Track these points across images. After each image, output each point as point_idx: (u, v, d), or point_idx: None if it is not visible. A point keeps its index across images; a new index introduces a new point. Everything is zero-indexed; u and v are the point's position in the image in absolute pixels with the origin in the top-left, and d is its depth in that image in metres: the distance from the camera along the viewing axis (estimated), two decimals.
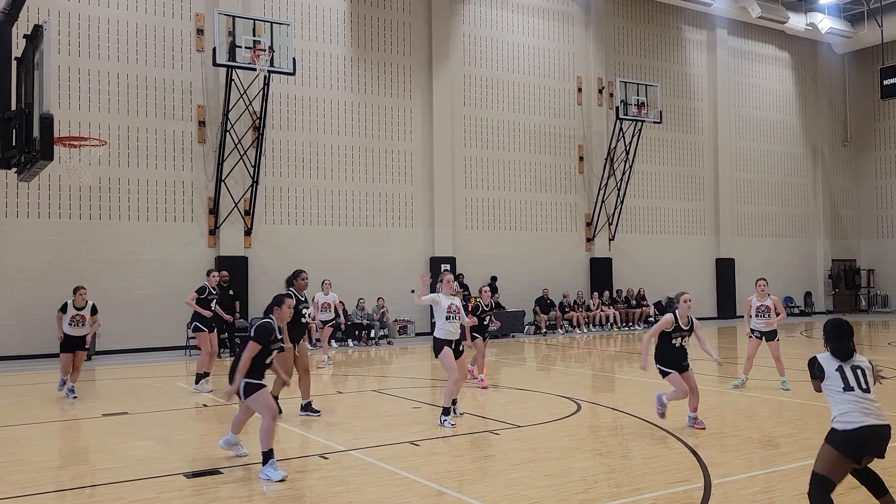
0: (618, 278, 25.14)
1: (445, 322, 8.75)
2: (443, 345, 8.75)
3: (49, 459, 7.37)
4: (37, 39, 7.63)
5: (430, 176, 22.00)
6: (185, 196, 18.66)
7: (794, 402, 10.16)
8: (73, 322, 11.09)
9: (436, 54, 22.16)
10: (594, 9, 25.41)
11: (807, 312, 30.34)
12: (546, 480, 6.41)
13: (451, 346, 8.79)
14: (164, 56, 18.57)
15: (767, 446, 7.50)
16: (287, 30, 18.07)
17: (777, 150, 30.53)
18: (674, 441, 7.79)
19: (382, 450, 7.61)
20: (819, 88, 31.87)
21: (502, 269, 22.89)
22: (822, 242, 31.51)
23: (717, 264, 28.18)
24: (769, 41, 30.29)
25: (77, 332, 11.16)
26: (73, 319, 11.08)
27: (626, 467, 6.86)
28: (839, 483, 4.88)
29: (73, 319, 11.08)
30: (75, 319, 11.10)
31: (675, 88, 27.54)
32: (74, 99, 17.48)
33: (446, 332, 8.77)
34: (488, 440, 8.04)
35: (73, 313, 11.10)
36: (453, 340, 8.84)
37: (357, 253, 20.59)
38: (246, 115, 18.85)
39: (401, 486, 6.31)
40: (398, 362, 16.34)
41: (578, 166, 25.04)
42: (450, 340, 8.80)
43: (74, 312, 11.13)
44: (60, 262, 17.06)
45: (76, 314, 11.11)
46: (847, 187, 32.91)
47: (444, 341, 8.77)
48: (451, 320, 8.77)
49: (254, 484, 6.40)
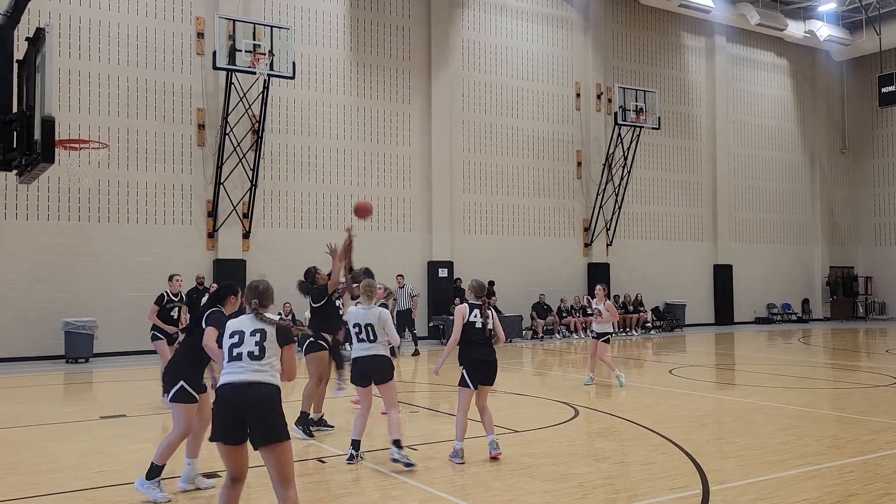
0: (615, 284, 25.14)
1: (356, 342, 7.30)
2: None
3: (47, 462, 7.36)
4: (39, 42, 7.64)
5: (428, 180, 22.03)
6: (183, 199, 18.66)
7: (791, 408, 10.17)
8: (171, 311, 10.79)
9: (435, 59, 22.21)
10: (593, 14, 25.49)
11: (804, 319, 30.38)
12: (544, 486, 6.41)
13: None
14: (165, 59, 18.60)
15: (765, 453, 7.51)
16: (287, 34, 18.11)
17: (775, 156, 30.60)
18: (672, 447, 7.80)
19: (380, 454, 7.61)
20: (817, 96, 31.97)
21: (500, 273, 22.89)
22: (819, 249, 31.57)
23: (715, 270, 28.21)
24: (768, 48, 30.39)
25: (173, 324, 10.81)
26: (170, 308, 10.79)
27: (625, 473, 6.86)
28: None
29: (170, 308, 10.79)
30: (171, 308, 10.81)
31: (674, 95, 27.61)
32: (75, 101, 17.49)
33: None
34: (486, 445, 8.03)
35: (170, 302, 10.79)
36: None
37: (355, 257, 20.47)
38: (245, 118, 18.88)
39: (397, 490, 6.31)
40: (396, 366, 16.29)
41: (576, 172, 25.08)
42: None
43: (173, 301, 10.83)
44: (59, 264, 17.06)
45: (174, 303, 10.84)
46: (845, 194, 32.99)
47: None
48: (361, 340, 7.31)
49: (251, 487, 6.39)
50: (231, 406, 4.58)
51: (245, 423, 4.53)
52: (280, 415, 4.60)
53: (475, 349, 7.33)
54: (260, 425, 4.53)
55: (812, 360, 17.25)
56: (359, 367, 7.27)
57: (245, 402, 4.55)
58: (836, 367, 15.98)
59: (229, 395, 4.62)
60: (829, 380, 14.00)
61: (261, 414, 4.54)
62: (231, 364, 4.71)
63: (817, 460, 7.22)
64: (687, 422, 9.26)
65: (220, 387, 4.68)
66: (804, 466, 7.00)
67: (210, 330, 5.93)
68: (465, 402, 7.34)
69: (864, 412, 9.85)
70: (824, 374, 14.79)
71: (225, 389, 4.65)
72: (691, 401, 11.00)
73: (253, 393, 4.57)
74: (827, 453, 7.51)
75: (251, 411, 4.53)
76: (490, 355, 7.40)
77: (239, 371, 4.66)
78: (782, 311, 29.93)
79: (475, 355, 7.32)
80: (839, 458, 7.32)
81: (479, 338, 7.37)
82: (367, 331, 7.26)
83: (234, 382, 4.62)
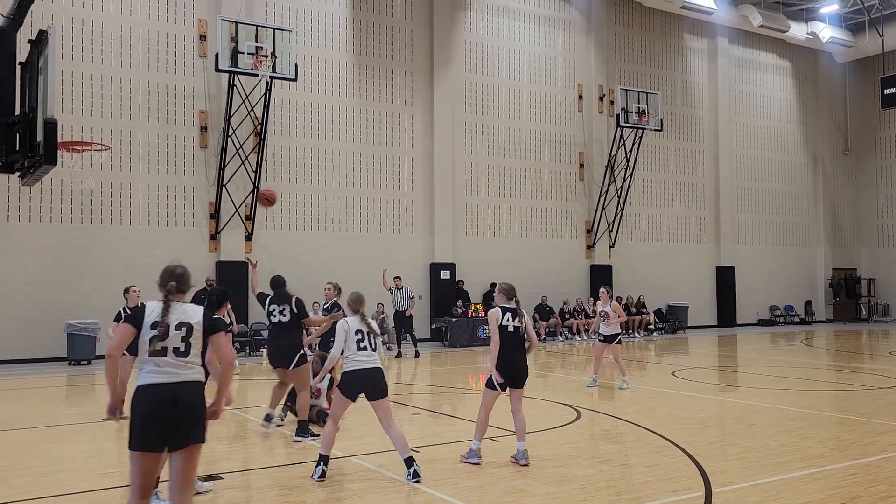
0: (618, 285, 25.13)
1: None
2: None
3: (51, 464, 7.36)
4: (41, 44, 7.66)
5: (430, 182, 22.04)
6: (186, 201, 18.68)
7: (793, 410, 10.15)
8: None
9: (437, 61, 22.22)
10: (595, 16, 25.50)
11: (807, 321, 30.33)
12: (546, 488, 6.40)
13: None
14: (167, 61, 18.63)
15: (768, 455, 7.50)
16: (289, 36, 18.14)
17: (778, 158, 30.57)
18: (674, 449, 7.79)
19: (382, 456, 7.60)
20: (820, 97, 31.95)
21: (502, 275, 22.73)
22: (822, 251, 31.54)
23: (718, 272, 28.18)
24: (770, 50, 30.37)
25: None
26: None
27: (627, 475, 6.85)
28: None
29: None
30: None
31: (676, 96, 27.60)
32: (77, 103, 17.52)
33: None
34: (488, 447, 8.02)
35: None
36: None
37: (357, 259, 20.60)
38: (247, 120, 18.91)
39: (400, 493, 6.31)
40: (398, 368, 16.32)
41: (579, 173, 25.08)
42: None
43: None
44: (61, 265, 17.09)
45: None
46: (848, 196, 32.95)
47: None
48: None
49: (253, 489, 6.39)
50: (161, 407, 4.27)
51: (172, 424, 4.28)
52: (205, 414, 4.45)
53: (506, 352, 7.26)
54: (188, 426, 4.31)
55: (815, 362, 17.23)
56: (356, 380, 6.71)
57: (177, 402, 4.30)
58: (839, 369, 15.95)
59: (157, 396, 4.28)
60: (831, 382, 13.97)
61: (192, 413, 4.35)
62: (154, 359, 4.34)
63: (820, 462, 7.21)
64: (689, 424, 9.25)
65: (145, 387, 4.31)
66: (807, 469, 6.98)
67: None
68: (489, 403, 7.29)
69: (867, 414, 9.83)
70: (827, 377, 14.76)
71: (151, 391, 4.30)
72: (694, 403, 10.99)
73: (188, 390, 4.35)
74: (830, 455, 7.49)
75: (182, 412, 4.30)
76: (521, 358, 7.33)
77: (164, 370, 4.33)
78: (785, 313, 29.89)
79: (506, 358, 7.24)
80: (842, 460, 7.31)
81: (511, 341, 7.29)
82: (370, 339, 6.82)
83: (162, 384, 4.30)
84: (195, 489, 6.19)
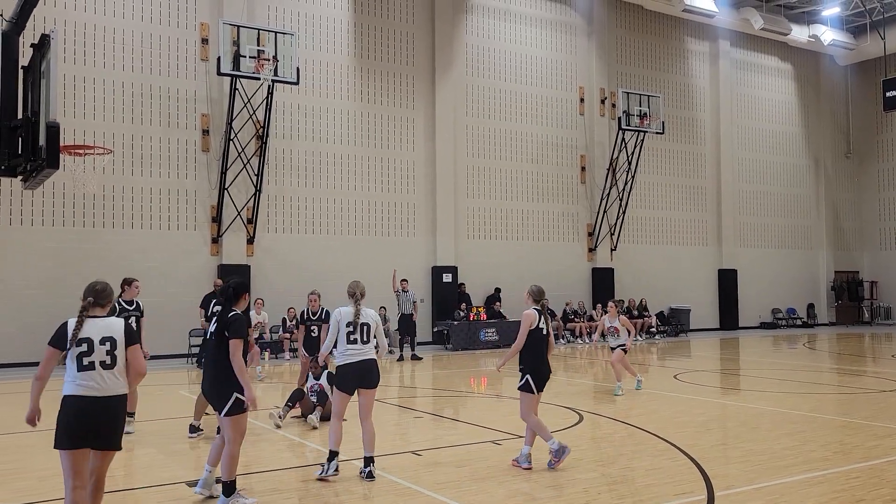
0: (620, 288, 25.13)
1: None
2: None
3: (53, 467, 7.35)
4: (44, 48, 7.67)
5: (432, 185, 22.05)
6: (188, 204, 18.70)
7: (796, 413, 10.13)
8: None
9: (438, 64, 22.25)
10: (596, 19, 25.52)
11: (809, 324, 30.28)
12: (548, 492, 6.39)
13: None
14: (169, 65, 18.66)
15: (771, 458, 7.48)
16: (291, 39, 18.16)
17: (779, 161, 30.56)
18: (676, 453, 7.77)
19: (384, 459, 7.59)
20: (821, 100, 31.94)
21: (504, 278, 22.89)
22: (824, 254, 31.51)
23: (720, 275, 28.15)
24: (772, 53, 30.38)
25: None
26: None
27: (629, 479, 6.84)
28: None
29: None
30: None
31: (678, 99, 27.61)
32: (80, 107, 17.55)
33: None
34: (490, 450, 8.03)
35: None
36: None
37: (359, 262, 20.60)
38: (249, 124, 18.94)
39: (401, 496, 6.30)
40: (400, 371, 16.31)
41: (580, 176, 25.08)
42: None
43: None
44: (63, 269, 17.10)
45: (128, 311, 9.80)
46: (850, 199, 32.92)
47: None
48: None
49: (255, 493, 6.38)
50: (86, 415, 4.68)
51: (98, 429, 4.70)
52: (123, 423, 4.92)
53: (538, 355, 7.31)
54: (110, 432, 4.75)
55: (817, 366, 17.20)
56: (350, 373, 6.86)
57: (107, 411, 4.72)
58: (841, 372, 15.92)
59: (84, 406, 4.68)
60: (834, 385, 13.95)
61: (115, 421, 4.78)
62: (83, 374, 4.69)
63: (823, 466, 7.19)
64: (692, 427, 9.23)
65: (72, 398, 4.69)
66: (810, 472, 6.97)
67: (239, 342, 5.87)
68: (532, 407, 7.29)
69: (870, 417, 9.81)
70: (830, 380, 14.74)
71: (79, 401, 4.68)
72: (696, 406, 10.97)
73: (114, 404, 4.75)
74: (833, 459, 7.47)
75: (107, 419, 4.72)
76: (548, 363, 7.43)
77: (91, 384, 4.68)
78: (787, 316, 29.85)
79: (538, 362, 7.30)
80: (845, 463, 7.29)
81: (542, 343, 7.36)
82: (362, 331, 6.90)
83: (89, 397, 4.67)
84: (214, 493, 6.14)
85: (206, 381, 6.12)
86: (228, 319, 5.96)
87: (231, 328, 5.89)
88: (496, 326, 21.24)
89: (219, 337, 5.97)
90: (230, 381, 5.86)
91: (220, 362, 5.93)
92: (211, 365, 6.04)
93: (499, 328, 21.24)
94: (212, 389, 5.99)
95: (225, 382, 5.87)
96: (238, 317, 6.03)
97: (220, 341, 5.95)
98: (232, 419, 5.89)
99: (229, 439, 5.92)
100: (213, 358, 6.02)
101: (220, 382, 5.90)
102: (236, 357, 5.85)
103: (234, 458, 5.92)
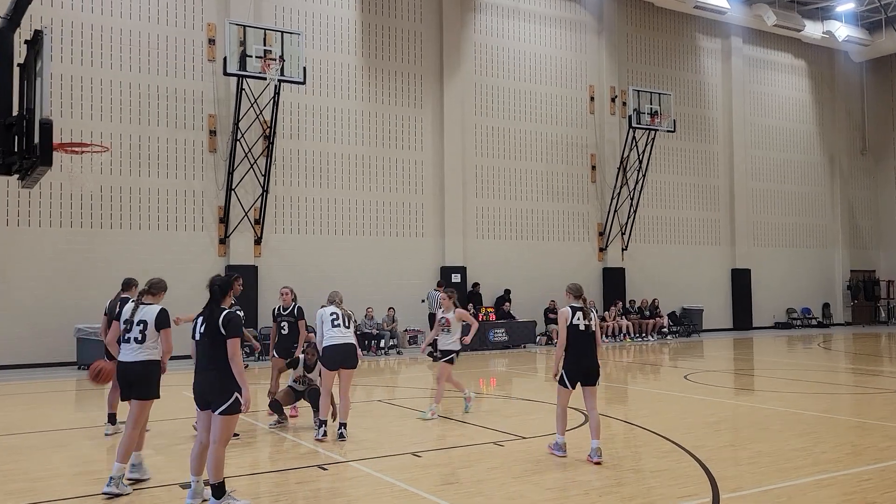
0: (631, 288, 24.87)
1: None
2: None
3: (48, 469, 7.28)
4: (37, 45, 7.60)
5: (440, 185, 21.90)
6: (195, 205, 18.66)
7: (808, 414, 9.90)
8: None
9: (447, 63, 22.10)
10: (606, 17, 25.29)
11: (825, 324, 29.85)
12: (548, 494, 6.23)
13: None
14: (176, 66, 18.64)
15: (780, 460, 7.27)
16: (298, 39, 18.08)
17: (794, 159, 30.16)
18: (683, 454, 7.58)
19: (383, 461, 7.46)
20: (836, 97, 31.49)
21: (514, 278, 22.70)
22: (840, 253, 31.05)
23: (733, 275, 27.80)
24: (785, 49, 29.99)
25: None
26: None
27: (633, 480, 6.66)
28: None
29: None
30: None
31: (689, 97, 27.31)
32: (87, 108, 17.55)
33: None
34: (492, 451, 7.87)
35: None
36: None
37: (367, 262, 20.49)
38: (256, 124, 18.87)
39: (398, 499, 6.15)
40: (407, 372, 16.18)
41: (591, 175, 24.85)
42: None
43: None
44: (71, 270, 17.10)
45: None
46: (865, 196, 32.44)
47: None
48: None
49: (250, 494, 6.26)
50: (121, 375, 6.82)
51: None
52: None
53: (576, 351, 7.55)
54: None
55: (832, 366, 16.90)
56: (333, 353, 8.40)
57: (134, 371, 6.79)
58: (857, 372, 15.63)
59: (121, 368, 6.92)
60: (849, 385, 13.67)
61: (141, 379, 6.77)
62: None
63: (834, 467, 6.98)
64: (700, 428, 9.03)
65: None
66: (820, 474, 6.76)
67: (238, 342, 5.86)
68: (563, 400, 7.63)
69: (885, 418, 9.57)
70: (844, 380, 14.46)
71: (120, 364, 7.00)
72: (706, 407, 10.76)
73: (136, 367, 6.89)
74: (844, 460, 7.25)
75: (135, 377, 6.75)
76: (592, 357, 7.62)
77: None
78: (802, 316, 29.44)
79: (576, 357, 7.55)
80: (856, 465, 7.07)
81: (582, 339, 7.58)
82: (344, 320, 8.53)
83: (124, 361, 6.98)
84: (206, 496, 5.98)
85: (202, 381, 5.95)
86: (225, 319, 5.88)
87: (229, 327, 5.85)
88: (505, 327, 21.05)
89: (212, 337, 5.89)
90: (231, 380, 5.83)
91: (220, 362, 5.85)
92: (208, 365, 5.92)
93: (508, 329, 21.04)
94: (212, 388, 5.87)
95: (226, 381, 5.83)
96: (234, 315, 5.97)
97: (214, 341, 5.87)
98: (226, 419, 5.82)
99: (217, 439, 5.81)
100: (209, 357, 5.92)
101: (220, 381, 5.83)
102: (237, 357, 5.84)
103: (221, 459, 5.83)
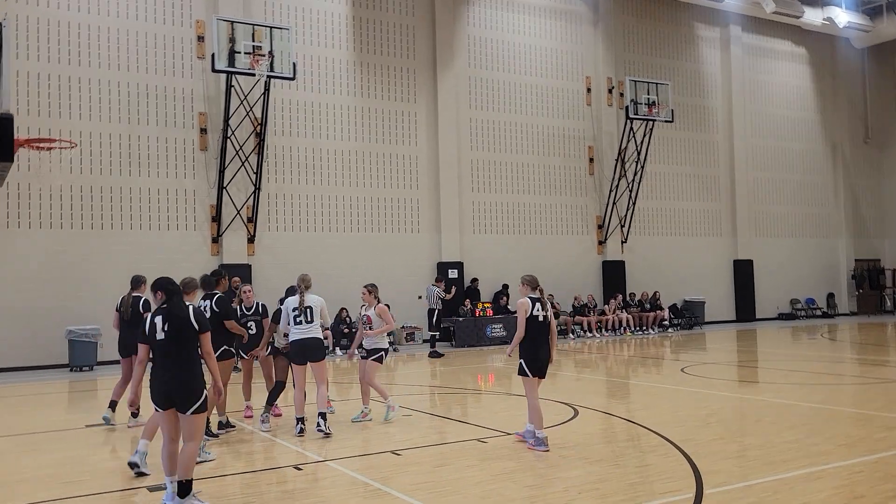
0: (631, 281, 24.61)
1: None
2: None
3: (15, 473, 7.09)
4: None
5: (436, 180, 21.67)
6: (187, 204, 18.49)
7: (804, 406, 9.65)
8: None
9: (440, 57, 21.86)
10: (602, 7, 24.98)
11: (829, 314, 29.50)
12: (526, 492, 6.01)
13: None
14: (165, 64, 18.45)
15: (769, 453, 7.04)
16: (286, 34, 17.88)
17: (795, 147, 29.80)
18: (670, 448, 7.36)
19: (362, 459, 7.27)
20: (838, 84, 31.08)
21: (512, 273, 22.41)
22: (844, 242, 30.67)
23: (735, 266, 27.49)
24: (785, 37, 29.61)
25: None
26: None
27: (616, 476, 6.43)
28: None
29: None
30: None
31: (688, 87, 26.99)
32: (75, 108, 17.38)
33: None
34: (475, 448, 7.65)
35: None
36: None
37: (363, 259, 20.29)
38: (247, 121, 18.68)
39: (370, 499, 5.96)
40: (403, 369, 15.98)
41: (589, 168, 24.57)
42: None
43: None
44: (62, 272, 16.95)
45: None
46: (869, 185, 32.03)
47: None
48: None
49: (220, 498, 6.07)
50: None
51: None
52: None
53: (535, 341, 7.55)
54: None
55: (835, 356, 16.63)
56: (297, 347, 8.44)
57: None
58: (860, 362, 15.36)
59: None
60: (851, 376, 13.41)
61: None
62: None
63: (824, 460, 6.74)
64: (691, 422, 8.80)
65: None
66: (809, 467, 6.52)
67: (209, 336, 5.89)
68: (534, 392, 7.58)
69: (882, 408, 9.32)
70: (847, 370, 14.19)
71: None
72: (699, 400, 10.52)
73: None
74: (836, 452, 7.01)
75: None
76: (547, 349, 7.61)
77: None
78: (806, 307, 29.11)
79: (534, 347, 7.55)
80: (848, 457, 6.83)
81: (540, 330, 7.58)
82: (306, 314, 8.45)
83: None
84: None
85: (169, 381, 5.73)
86: (196, 313, 5.78)
87: (202, 321, 5.79)
88: (503, 322, 20.83)
89: (179, 334, 5.71)
90: (199, 378, 5.72)
91: (189, 360, 5.72)
92: (175, 365, 5.71)
93: (506, 324, 20.82)
94: (184, 388, 5.67)
95: (194, 380, 5.69)
96: (200, 310, 6.01)
97: (180, 338, 5.71)
98: (199, 417, 5.73)
99: (192, 437, 5.69)
100: (176, 356, 5.72)
101: (194, 381, 5.69)
102: (213, 351, 5.99)
103: (195, 457, 5.72)
